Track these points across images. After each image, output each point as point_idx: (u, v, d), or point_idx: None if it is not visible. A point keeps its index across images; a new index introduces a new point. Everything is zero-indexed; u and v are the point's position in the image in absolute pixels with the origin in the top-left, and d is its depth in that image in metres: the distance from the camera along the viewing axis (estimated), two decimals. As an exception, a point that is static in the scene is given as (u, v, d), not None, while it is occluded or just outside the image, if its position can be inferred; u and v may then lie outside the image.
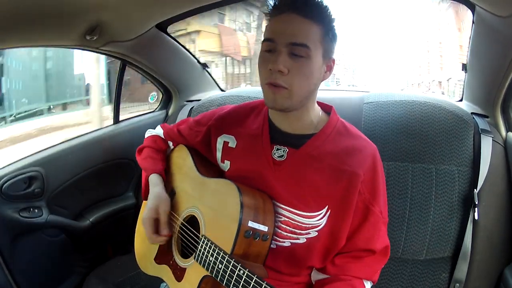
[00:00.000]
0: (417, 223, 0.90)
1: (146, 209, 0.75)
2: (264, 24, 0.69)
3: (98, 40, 0.99)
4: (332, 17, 0.66)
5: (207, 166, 0.79)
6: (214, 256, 0.62)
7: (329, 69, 0.69)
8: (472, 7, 0.86)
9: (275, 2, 0.65)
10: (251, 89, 1.20)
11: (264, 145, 0.71)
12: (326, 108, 0.76)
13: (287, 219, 0.67)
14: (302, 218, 0.67)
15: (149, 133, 0.93)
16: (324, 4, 0.65)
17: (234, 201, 0.63)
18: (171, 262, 0.75)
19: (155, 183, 0.79)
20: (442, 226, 0.89)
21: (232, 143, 0.75)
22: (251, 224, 0.62)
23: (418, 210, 0.90)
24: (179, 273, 0.71)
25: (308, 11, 0.62)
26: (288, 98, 0.64)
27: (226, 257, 0.59)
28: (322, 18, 0.64)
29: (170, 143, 0.88)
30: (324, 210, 0.66)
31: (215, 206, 0.68)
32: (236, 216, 0.61)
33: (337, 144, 0.69)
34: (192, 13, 1.06)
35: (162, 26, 1.13)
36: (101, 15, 0.88)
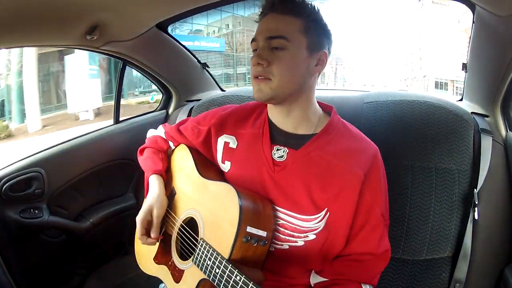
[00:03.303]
0: (417, 223, 0.90)
1: (140, 211, 0.76)
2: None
3: (98, 40, 0.99)
4: (314, 9, 0.67)
5: (208, 167, 0.78)
6: (211, 261, 0.62)
7: (321, 62, 0.69)
8: (472, 7, 0.86)
9: (261, 9, 0.69)
10: (251, 89, 1.19)
11: (264, 146, 0.71)
12: (327, 108, 0.76)
13: (285, 222, 0.67)
14: (301, 221, 0.66)
15: (150, 133, 0.93)
16: None
17: (233, 205, 0.62)
18: (169, 262, 0.75)
19: (154, 184, 0.80)
20: (442, 226, 0.89)
21: (233, 143, 0.75)
22: (249, 229, 0.61)
23: (418, 210, 0.90)
24: (177, 274, 0.72)
25: (284, 7, 0.66)
26: (271, 88, 0.66)
27: (224, 262, 0.59)
28: (300, 11, 0.66)
29: (171, 143, 0.88)
30: (323, 213, 0.65)
31: (214, 210, 0.68)
32: (235, 221, 0.61)
33: (337, 145, 0.68)
34: (192, 12, 1.06)
35: (162, 26, 1.13)
36: (101, 15, 0.88)
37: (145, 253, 0.82)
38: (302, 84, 0.68)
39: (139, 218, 0.75)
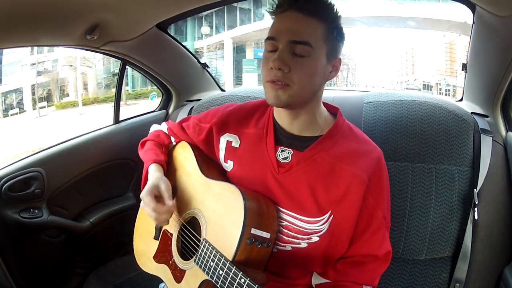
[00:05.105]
0: (417, 223, 0.90)
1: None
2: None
3: (98, 40, 0.99)
4: (338, 15, 0.64)
5: (210, 166, 0.78)
6: (215, 262, 0.61)
7: (335, 69, 0.67)
8: (472, 7, 0.86)
9: (278, 1, 0.64)
10: (252, 89, 1.20)
11: (268, 146, 0.70)
12: (332, 109, 0.75)
13: (289, 224, 0.66)
14: (304, 223, 0.66)
15: (153, 128, 0.93)
16: (328, 1, 0.63)
17: (237, 206, 0.62)
18: (170, 262, 0.74)
19: (154, 171, 0.77)
20: (442, 226, 0.89)
21: (236, 142, 0.74)
22: (254, 231, 0.61)
23: (418, 210, 0.90)
24: (178, 274, 0.71)
25: (311, 8, 0.61)
26: (289, 95, 0.62)
27: (228, 264, 0.58)
28: (326, 15, 0.63)
29: (173, 139, 0.88)
30: (327, 216, 0.65)
31: (218, 210, 0.67)
32: (240, 222, 0.60)
33: (342, 148, 0.67)
34: (192, 12, 1.06)
35: (162, 26, 1.13)
36: (101, 15, 0.88)
37: (144, 251, 0.82)
38: (317, 91, 0.67)
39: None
